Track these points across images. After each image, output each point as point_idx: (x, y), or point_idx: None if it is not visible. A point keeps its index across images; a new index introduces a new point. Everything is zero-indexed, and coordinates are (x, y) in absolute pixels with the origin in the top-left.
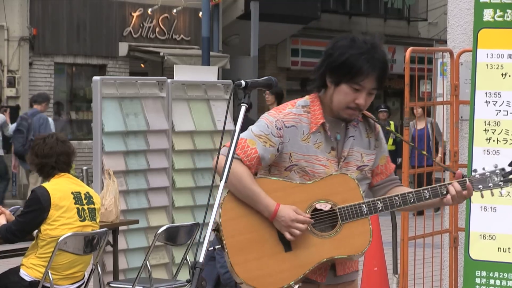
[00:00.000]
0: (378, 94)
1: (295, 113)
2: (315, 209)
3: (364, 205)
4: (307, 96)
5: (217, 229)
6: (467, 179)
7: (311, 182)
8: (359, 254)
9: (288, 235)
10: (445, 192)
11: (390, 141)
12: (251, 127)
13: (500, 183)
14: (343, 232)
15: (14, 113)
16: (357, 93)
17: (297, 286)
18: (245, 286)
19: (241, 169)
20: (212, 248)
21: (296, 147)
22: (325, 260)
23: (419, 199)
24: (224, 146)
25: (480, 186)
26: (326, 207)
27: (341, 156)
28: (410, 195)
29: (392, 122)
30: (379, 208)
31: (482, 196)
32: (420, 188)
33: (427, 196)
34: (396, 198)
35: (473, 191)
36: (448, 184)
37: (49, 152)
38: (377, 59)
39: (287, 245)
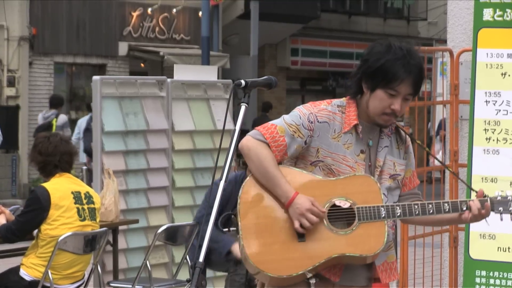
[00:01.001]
0: None
1: (330, 110)
2: (334, 205)
3: (383, 208)
4: (344, 98)
5: (234, 214)
6: (488, 198)
7: (334, 178)
8: (371, 255)
9: (297, 224)
10: (465, 208)
11: None
12: (284, 116)
13: None
14: (358, 231)
15: (14, 113)
16: (392, 99)
17: (313, 281)
18: (254, 270)
19: (266, 152)
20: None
21: (325, 144)
22: (335, 255)
23: (438, 211)
24: (255, 129)
25: (500, 208)
26: (345, 204)
27: (376, 165)
28: (430, 205)
29: None
30: (397, 213)
31: (502, 219)
32: (441, 201)
33: (447, 210)
34: (416, 206)
35: (494, 212)
36: (469, 200)
37: (53, 151)
38: (413, 64)
39: (302, 236)
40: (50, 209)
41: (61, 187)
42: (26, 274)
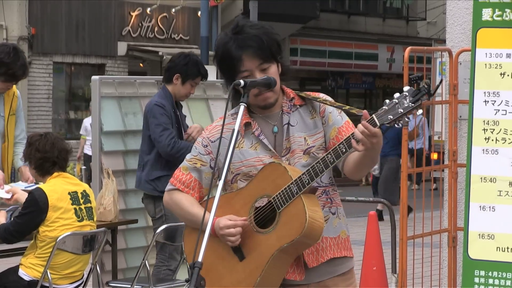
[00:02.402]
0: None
1: (221, 124)
2: (256, 208)
3: (292, 185)
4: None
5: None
6: (373, 115)
7: (246, 183)
8: (301, 235)
9: (229, 244)
10: (352, 141)
11: None
12: (186, 156)
13: (410, 104)
14: (282, 219)
15: None
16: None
17: None
18: None
19: (179, 197)
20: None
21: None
22: (275, 253)
23: (337, 155)
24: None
25: (390, 117)
26: (263, 202)
27: (283, 147)
28: (329, 155)
29: None
30: (306, 181)
31: (398, 124)
32: (337, 144)
33: (344, 150)
34: (318, 164)
35: (385, 124)
36: (355, 129)
37: (51, 148)
38: (243, 38)
39: (240, 254)
40: (48, 211)
41: (58, 189)
42: (25, 274)
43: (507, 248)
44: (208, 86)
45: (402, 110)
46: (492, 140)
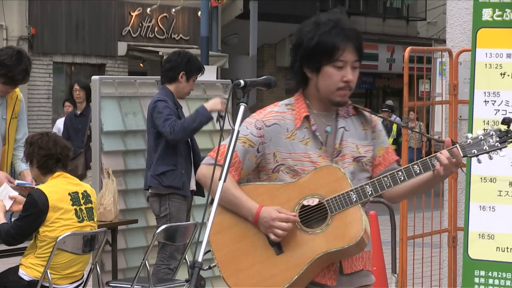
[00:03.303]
0: (376, 93)
1: (277, 111)
2: (304, 206)
3: (352, 192)
4: (292, 97)
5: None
6: (457, 145)
7: (297, 179)
8: (353, 244)
9: (272, 236)
10: (435, 163)
11: (391, 140)
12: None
13: (497, 143)
14: (334, 224)
15: None
16: (342, 71)
17: None
18: None
19: None
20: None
21: (281, 146)
22: (320, 255)
23: (409, 175)
24: (208, 156)
25: (474, 151)
26: (313, 202)
27: (334, 149)
28: (400, 172)
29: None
30: (368, 192)
31: (479, 161)
32: (410, 164)
33: (418, 171)
34: (385, 178)
35: (468, 157)
36: (438, 154)
37: (54, 145)
38: (348, 29)
39: (278, 248)
40: (48, 212)
41: (58, 189)
42: (25, 274)
43: (507, 248)
44: (208, 86)
45: (487, 148)
46: None
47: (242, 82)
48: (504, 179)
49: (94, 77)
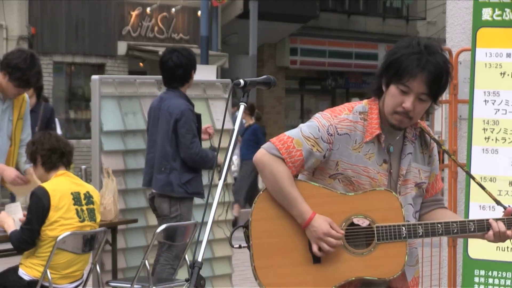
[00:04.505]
0: None
1: (351, 119)
2: (352, 223)
3: (404, 228)
4: (365, 101)
5: (246, 227)
6: None
7: (353, 194)
8: (389, 279)
9: (315, 248)
10: (489, 231)
11: None
12: (302, 126)
13: None
14: (377, 252)
15: None
16: (404, 96)
17: None
18: None
19: (281, 169)
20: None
21: (345, 156)
22: (353, 278)
23: (463, 231)
24: (271, 142)
25: None
26: (364, 223)
27: (400, 174)
28: (454, 225)
29: None
30: (419, 233)
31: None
32: (466, 220)
33: (472, 229)
34: (439, 225)
35: None
36: (496, 220)
37: (56, 142)
38: (429, 61)
39: (317, 258)
40: (50, 211)
41: (60, 188)
42: (25, 273)
43: (507, 247)
44: (208, 86)
45: None
46: (492, 139)
47: (242, 81)
48: (504, 179)
49: (94, 77)
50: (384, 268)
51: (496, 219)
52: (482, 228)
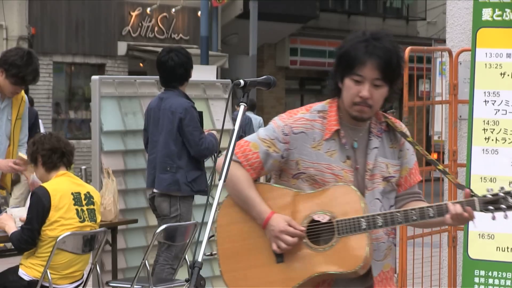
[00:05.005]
0: None
1: (308, 118)
2: (313, 220)
3: (363, 220)
4: (327, 100)
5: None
6: (475, 198)
7: (314, 191)
8: (351, 271)
9: (274, 246)
10: (446, 216)
11: None
12: (259, 130)
13: None
14: (338, 246)
15: None
16: (359, 86)
17: None
18: None
19: (239, 173)
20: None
21: (305, 154)
22: (316, 275)
23: (422, 217)
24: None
25: (491, 207)
26: (324, 218)
27: (366, 169)
28: (413, 212)
29: None
30: (378, 224)
31: (494, 218)
32: (425, 206)
33: (431, 215)
34: (398, 214)
35: (484, 212)
36: (452, 203)
37: (57, 142)
38: (376, 46)
39: (280, 256)
40: (50, 211)
41: (61, 188)
42: (25, 274)
43: (507, 248)
44: (208, 86)
45: (504, 207)
46: (492, 140)
47: (242, 82)
48: (504, 179)
49: (94, 77)
50: (345, 262)
51: (454, 202)
52: (441, 213)
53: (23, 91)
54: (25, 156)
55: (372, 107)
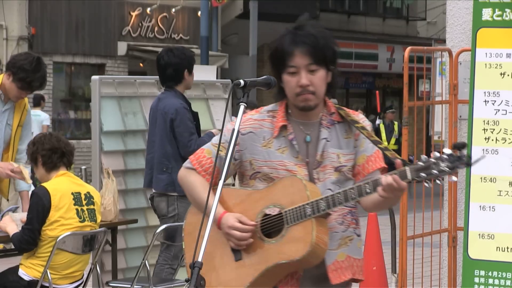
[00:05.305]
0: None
1: (256, 118)
2: (266, 215)
3: (308, 206)
4: (279, 102)
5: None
6: (407, 168)
7: (264, 187)
8: (301, 258)
9: (231, 243)
10: (378, 188)
11: (393, 140)
12: (213, 138)
13: (447, 169)
14: (288, 235)
15: None
16: (296, 76)
17: None
18: None
19: (193, 179)
20: None
21: (256, 154)
22: (270, 266)
23: (361, 194)
24: (188, 159)
25: (423, 175)
26: (274, 211)
27: (316, 160)
28: (352, 190)
29: (396, 123)
30: (322, 208)
31: (428, 185)
32: (362, 183)
33: (368, 190)
34: (339, 195)
35: (416, 180)
36: (387, 174)
37: (57, 142)
38: (300, 35)
39: (238, 254)
40: (50, 211)
41: (61, 188)
42: (25, 274)
43: (507, 248)
44: (208, 86)
45: (436, 172)
46: (492, 140)
47: (242, 82)
48: (504, 179)
49: (94, 77)
50: (293, 250)
51: (387, 174)
52: (376, 187)
53: (26, 99)
54: (25, 170)
55: (315, 93)
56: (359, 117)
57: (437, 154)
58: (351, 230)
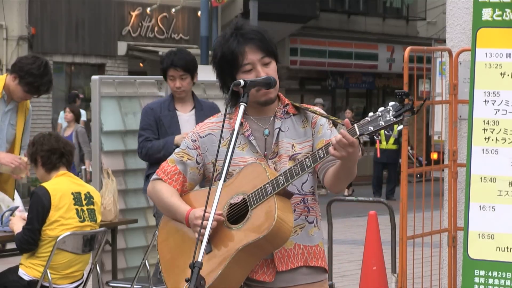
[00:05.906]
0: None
1: (213, 121)
2: (231, 204)
3: (268, 185)
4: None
5: None
6: (355, 124)
7: (228, 180)
8: (267, 234)
9: (196, 235)
10: (329, 148)
11: (392, 140)
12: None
13: (392, 118)
14: (252, 217)
15: None
16: (253, 73)
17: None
18: None
19: (160, 187)
20: None
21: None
22: (239, 249)
23: (315, 160)
24: (155, 173)
25: (370, 128)
26: (238, 199)
27: (272, 152)
28: (307, 159)
29: None
30: (281, 182)
31: (380, 141)
32: (316, 150)
33: (322, 156)
34: (295, 166)
35: (365, 134)
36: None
37: (56, 142)
38: (243, 34)
39: (208, 247)
40: (50, 211)
41: (61, 187)
42: (25, 273)
43: (507, 248)
44: (208, 86)
45: (383, 123)
46: (492, 140)
47: (242, 81)
48: (504, 179)
49: (94, 77)
50: (259, 228)
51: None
52: (328, 149)
53: (28, 100)
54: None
55: (273, 86)
56: (315, 108)
57: (382, 108)
58: (303, 218)
